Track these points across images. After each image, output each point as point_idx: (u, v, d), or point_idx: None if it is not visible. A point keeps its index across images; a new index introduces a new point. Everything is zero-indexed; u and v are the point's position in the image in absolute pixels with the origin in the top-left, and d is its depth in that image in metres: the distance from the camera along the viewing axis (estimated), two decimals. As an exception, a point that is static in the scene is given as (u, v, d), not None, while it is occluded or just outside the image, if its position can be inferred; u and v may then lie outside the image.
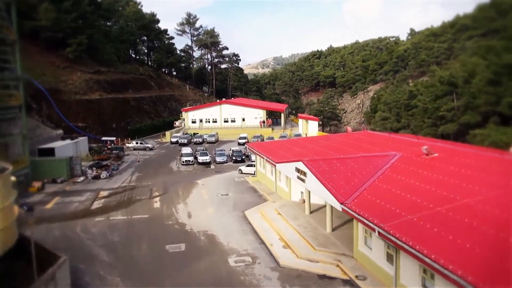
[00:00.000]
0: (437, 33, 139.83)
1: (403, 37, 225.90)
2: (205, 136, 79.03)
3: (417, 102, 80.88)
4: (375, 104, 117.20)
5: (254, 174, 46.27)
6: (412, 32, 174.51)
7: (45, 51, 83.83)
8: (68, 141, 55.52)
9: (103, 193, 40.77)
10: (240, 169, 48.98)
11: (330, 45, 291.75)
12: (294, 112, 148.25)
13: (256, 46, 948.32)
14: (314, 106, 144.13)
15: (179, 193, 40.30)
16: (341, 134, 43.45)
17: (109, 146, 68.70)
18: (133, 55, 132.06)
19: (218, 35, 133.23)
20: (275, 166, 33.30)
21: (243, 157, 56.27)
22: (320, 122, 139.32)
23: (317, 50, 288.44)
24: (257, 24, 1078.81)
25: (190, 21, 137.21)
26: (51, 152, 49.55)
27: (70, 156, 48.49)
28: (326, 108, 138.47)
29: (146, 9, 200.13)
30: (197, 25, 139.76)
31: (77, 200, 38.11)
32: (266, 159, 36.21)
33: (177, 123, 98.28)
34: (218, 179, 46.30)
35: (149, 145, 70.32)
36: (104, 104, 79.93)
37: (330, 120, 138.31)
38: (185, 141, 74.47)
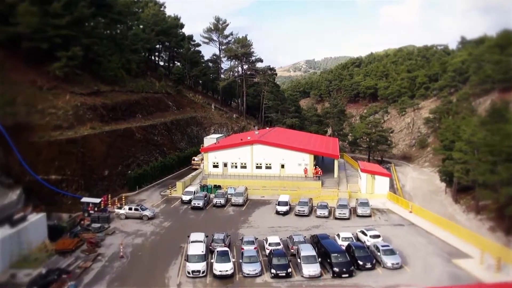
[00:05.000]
0: (502, 45, 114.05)
1: (448, 44, 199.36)
2: (230, 192, 57.00)
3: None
4: (447, 137, 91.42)
5: None
6: (463, 41, 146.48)
7: (27, 67, 63.62)
8: (4, 230, 34.16)
9: None
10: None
11: (371, 53, 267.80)
12: (336, 135, 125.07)
13: (289, 48, 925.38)
14: (360, 126, 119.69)
15: None
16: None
17: (91, 212, 47.63)
18: (149, 67, 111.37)
19: (251, 45, 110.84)
20: None
21: (289, 269, 33.36)
22: (366, 146, 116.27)
23: (357, 57, 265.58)
24: (290, 26, 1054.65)
25: (218, 27, 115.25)
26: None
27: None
28: (374, 131, 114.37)
29: (171, 11, 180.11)
30: (227, 31, 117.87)
31: None
32: None
33: (196, 158, 76.73)
34: None
35: (147, 213, 48.39)
36: (95, 142, 58.73)
37: (378, 144, 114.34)
38: (201, 203, 52.25)
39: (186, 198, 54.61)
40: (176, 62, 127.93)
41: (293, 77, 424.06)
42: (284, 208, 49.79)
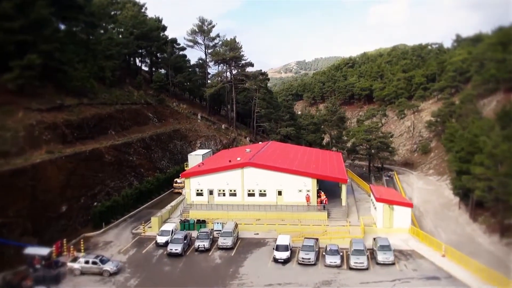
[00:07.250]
0: (504, 42, 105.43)
1: (443, 42, 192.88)
2: (216, 228, 46.58)
3: None
4: (463, 147, 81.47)
5: None
6: (459, 39, 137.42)
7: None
8: None
9: None
10: None
11: (364, 52, 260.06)
12: (335, 142, 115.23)
13: (279, 50, 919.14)
14: (358, 131, 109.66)
15: None
16: None
17: (38, 266, 37.07)
18: (130, 74, 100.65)
19: (241, 48, 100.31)
20: None
21: None
22: (366, 153, 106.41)
23: (349, 57, 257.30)
24: (280, 27, 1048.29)
25: (203, 28, 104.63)
26: None
27: None
28: (374, 137, 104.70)
29: (154, 13, 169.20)
30: (213, 33, 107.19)
31: None
32: None
33: (179, 180, 66.25)
34: None
35: (109, 267, 37.59)
36: (51, 170, 48.02)
37: (379, 151, 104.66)
38: (179, 249, 41.62)
39: (161, 240, 44.03)
40: (155, 69, 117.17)
41: (284, 78, 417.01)
42: (284, 255, 39.42)
